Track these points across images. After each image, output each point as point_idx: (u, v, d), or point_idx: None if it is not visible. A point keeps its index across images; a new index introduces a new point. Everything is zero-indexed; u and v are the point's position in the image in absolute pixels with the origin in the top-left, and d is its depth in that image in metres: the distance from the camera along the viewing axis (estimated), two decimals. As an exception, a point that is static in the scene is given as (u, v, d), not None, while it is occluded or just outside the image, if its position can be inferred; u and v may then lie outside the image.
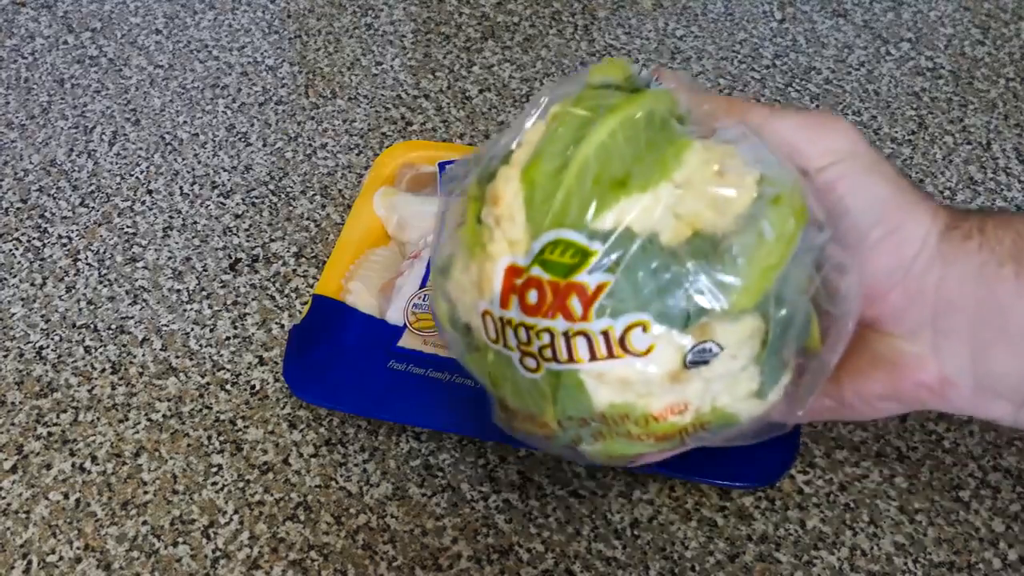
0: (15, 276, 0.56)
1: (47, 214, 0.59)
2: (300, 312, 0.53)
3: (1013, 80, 0.69)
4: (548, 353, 0.33)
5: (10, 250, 0.57)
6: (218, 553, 0.44)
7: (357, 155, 0.62)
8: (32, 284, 0.55)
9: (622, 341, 0.32)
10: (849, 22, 0.74)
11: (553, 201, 0.33)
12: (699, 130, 0.35)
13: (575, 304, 0.32)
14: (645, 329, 0.32)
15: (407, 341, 0.48)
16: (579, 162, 0.33)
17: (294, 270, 0.56)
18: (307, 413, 0.49)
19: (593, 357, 0.33)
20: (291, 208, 0.59)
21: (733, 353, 0.33)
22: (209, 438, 0.48)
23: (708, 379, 0.34)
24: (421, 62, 0.69)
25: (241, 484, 0.46)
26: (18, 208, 0.59)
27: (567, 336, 0.32)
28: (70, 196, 0.60)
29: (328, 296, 0.50)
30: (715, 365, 0.33)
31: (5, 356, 0.52)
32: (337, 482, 0.46)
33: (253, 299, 0.54)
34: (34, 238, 0.58)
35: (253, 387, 0.50)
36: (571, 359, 0.33)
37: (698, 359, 0.33)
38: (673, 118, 0.35)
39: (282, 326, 0.53)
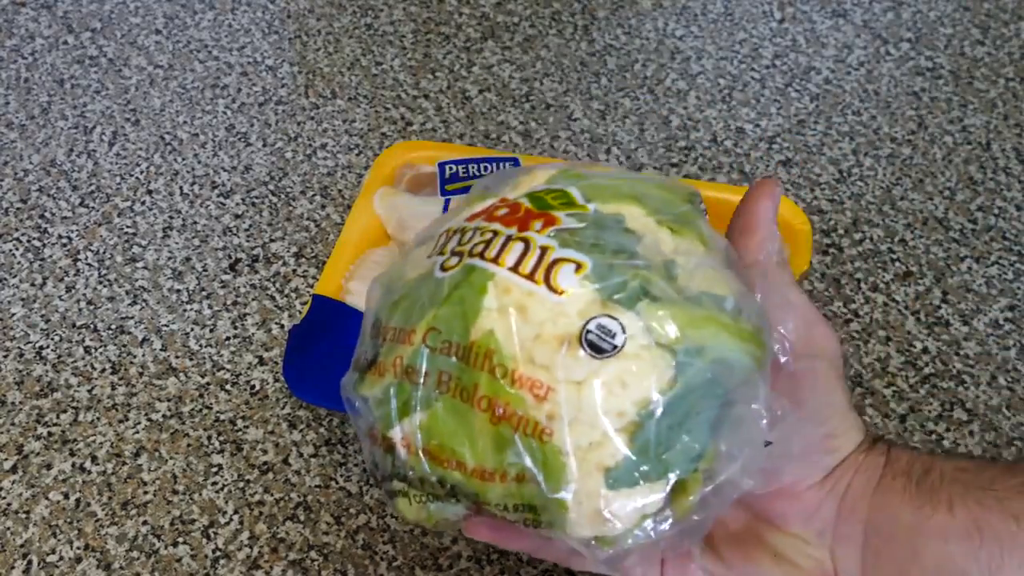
0: (15, 276, 0.56)
1: (47, 214, 0.59)
2: (300, 312, 0.54)
3: (1013, 80, 0.69)
4: (479, 249, 0.31)
5: (10, 250, 0.57)
6: (218, 553, 0.44)
7: (357, 155, 0.62)
8: (32, 284, 0.55)
9: (551, 268, 0.30)
10: (849, 22, 0.74)
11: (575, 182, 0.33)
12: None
13: (537, 223, 0.31)
14: (579, 270, 0.30)
15: (407, 341, 0.49)
16: (616, 186, 0.33)
17: (294, 270, 0.56)
18: (307, 413, 0.49)
19: (516, 266, 0.31)
20: (291, 208, 0.59)
21: (626, 373, 0.30)
22: (209, 438, 0.48)
23: (581, 388, 0.30)
24: (421, 62, 0.69)
25: (241, 484, 0.46)
26: (18, 208, 0.59)
27: (508, 238, 0.31)
28: (70, 196, 0.60)
29: (328, 296, 0.50)
30: (602, 373, 0.29)
31: (5, 356, 0.52)
32: (337, 482, 0.46)
33: (253, 299, 0.54)
34: (34, 238, 0.58)
35: (253, 387, 0.50)
36: (496, 259, 0.31)
37: (598, 339, 0.30)
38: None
39: (282, 326, 0.53)
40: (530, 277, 0.30)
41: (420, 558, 0.44)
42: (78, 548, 0.44)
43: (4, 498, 0.46)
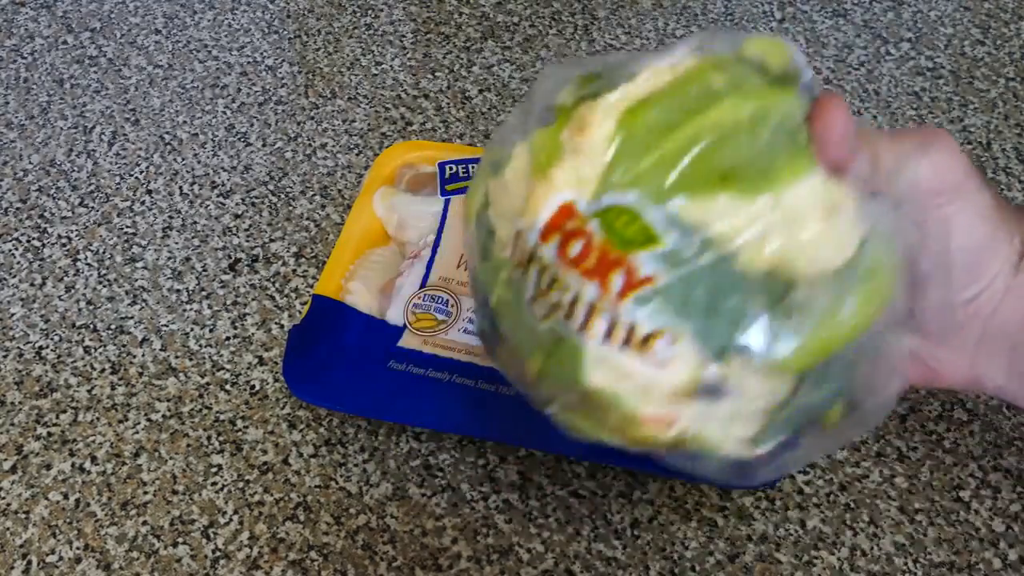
0: (15, 276, 0.56)
1: (47, 214, 0.59)
2: (300, 312, 0.53)
3: (1013, 80, 0.69)
4: (562, 314, 0.30)
5: (10, 250, 0.57)
6: (218, 553, 0.44)
7: (357, 155, 0.62)
8: (32, 284, 0.55)
9: (645, 342, 0.29)
10: (849, 22, 0.74)
11: (643, 160, 0.29)
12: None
13: (616, 280, 0.29)
14: (675, 341, 0.29)
15: (407, 341, 0.48)
16: (690, 131, 0.29)
17: (294, 270, 0.56)
18: (307, 413, 0.49)
19: (607, 339, 0.30)
20: (291, 208, 0.59)
21: (748, 401, 0.31)
22: (209, 438, 0.48)
23: (708, 411, 0.31)
24: (421, 62, 0.69)
25: (241, 484, 0.46)
26: (18, 208, 0.59)
27: (591, 307, 0.30)
28: (70, 196, 0.60)
29: (328, 296, 0.50)
30: (723, 404, 0.31)
31: (5, 356, 0.52)
32: (337, 482, 0.46)
33: (253, 299, 0.54)
34: (34, 238, 0.58)
35: (253, 387, 0.50)
36: (584, 329, 0.30)
37: (711, 392, 0.30)
38: (804, 132, 0.31)
39: (282, 326, 0.53)
40: (623, 349, 0.30)
41: (420, 558, 0.44)
42: (78, 548, 0.44)
43: (4, 498, 0.46)
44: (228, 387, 0.50)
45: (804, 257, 0.29)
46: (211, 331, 0.53)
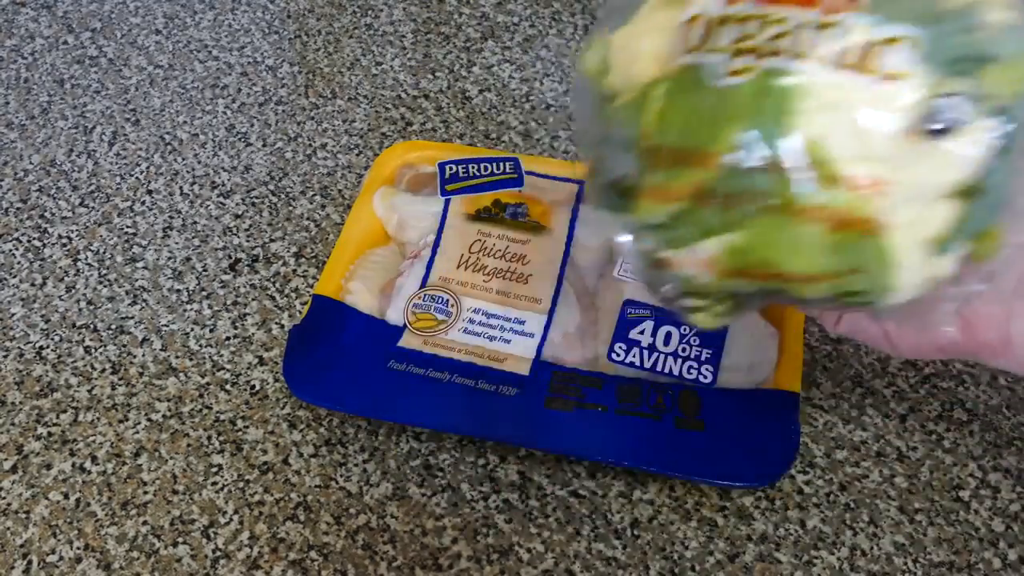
0: (15, 276, 0.56)
1: (47, 214, 0.59)
2: (300, 312, 0.54)
3: (1013, 80, 0.69)
4: (779, 45, 0.28)
5: (10, 250, 0.57)
6: (218, 553, 0.44)
7: (357, 155, 0.62)
8: (32, 284, 0.55)
9: (879, 52, 0.27)
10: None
11: None
12: None
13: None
14: (914, 46, 0.27)
15: (407, 341, 0.49)
16: None
17: (294, 270, 0.56)
18: (307, 413, 0.49)
19: (834, 59, 0.27)
20: (291, 208, 0.59)
21: (965, 147, 0.28)
22: (209, 438, 0.48)
23: (920, 177, 0.28)
24: (421, 62, 0.69)
25: (241, 484, 0.46)
26: (18, 208, 0.59)
27: (815, 27, 0.28)
28: (70, 196, 0.60)
29: (328, 296, 0.50)
30: (942, 152, 0.28)
31: (5, 356, 0.52)
32: (337, 482, 0.46)
33: (253, 299, 0.54)
34: (34, 238, 0.58)
35: (253, 387, 0.50)
36: (805, 55, 0.28)
37: (944, 120, 0.27)
38: None
39: (282, 326, 0.53)
40: (855, 68, 0.27)
41: (420, 558, 0.44)
42: (78, 548, 0.44)
43: (4, 498, 0.46)
44: (228, 387, 0.50)
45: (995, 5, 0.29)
46: (211, 331, 0.53)
